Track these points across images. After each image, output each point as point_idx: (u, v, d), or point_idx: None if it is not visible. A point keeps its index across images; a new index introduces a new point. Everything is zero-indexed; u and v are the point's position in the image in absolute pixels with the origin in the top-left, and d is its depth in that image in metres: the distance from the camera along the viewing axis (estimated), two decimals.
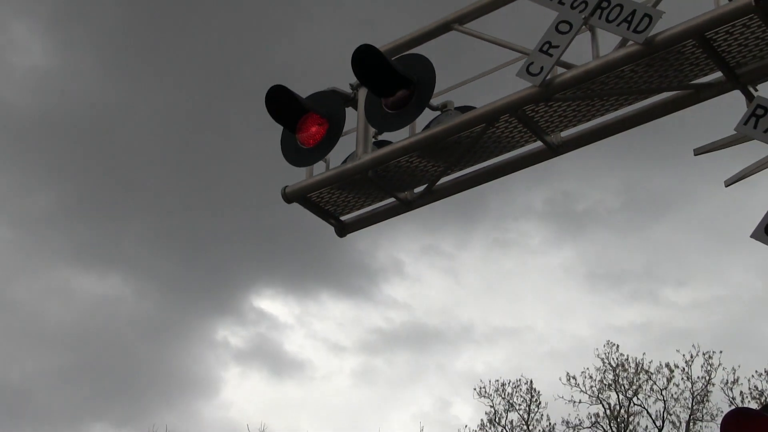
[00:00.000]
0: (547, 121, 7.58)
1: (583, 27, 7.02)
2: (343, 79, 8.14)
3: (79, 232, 47.49)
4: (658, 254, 43.13)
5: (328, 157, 8.09)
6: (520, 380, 31.47)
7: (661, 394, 29.87)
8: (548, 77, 6.95)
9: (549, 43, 6.98)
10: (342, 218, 8.63)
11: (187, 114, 47.78)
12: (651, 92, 7.23)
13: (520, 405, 31.06)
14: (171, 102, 47.88)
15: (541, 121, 7.57)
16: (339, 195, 8.32)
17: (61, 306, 46.08)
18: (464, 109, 7.69)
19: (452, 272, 45.37)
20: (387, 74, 7.51)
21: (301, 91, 8.06)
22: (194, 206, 47.71)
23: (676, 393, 29.80)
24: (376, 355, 44.04)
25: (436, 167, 8.03)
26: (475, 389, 31.68)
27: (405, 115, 7.56)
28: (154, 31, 48.04)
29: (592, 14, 6.90)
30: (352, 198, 8.39)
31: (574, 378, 30.70)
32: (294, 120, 8.05)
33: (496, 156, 7.95)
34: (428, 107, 7.63)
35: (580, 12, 6.95)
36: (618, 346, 30.85)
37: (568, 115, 7.53)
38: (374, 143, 8.04)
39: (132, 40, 47.69)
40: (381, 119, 7.69)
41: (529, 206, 43.39)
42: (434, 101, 7.71)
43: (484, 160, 8.00)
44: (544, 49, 6.97)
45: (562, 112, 7.48)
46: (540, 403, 31.05)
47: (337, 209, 8.52)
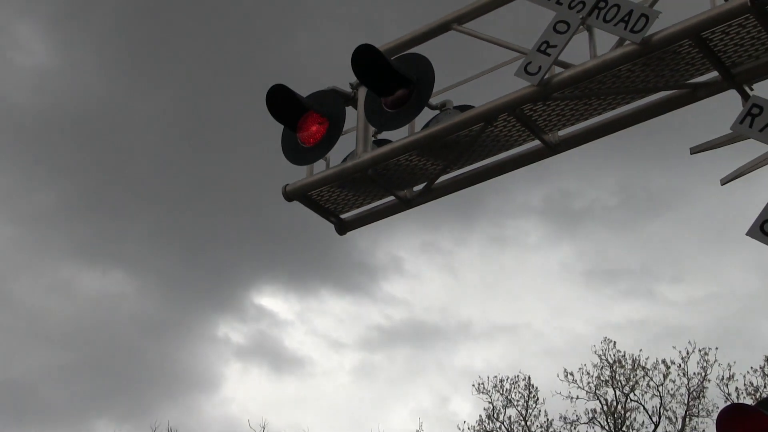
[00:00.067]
0: (545, 120, 7.58)
1: (581, 27, 7.03)
2: (343, 78, 8.15)
3: (81, 229, 47.51)
4: (654, 252, 43.14)
5: (328, 156, 8.09)
6: (518, 376, 31.46)
7: (658, 390, 29.87)
8: (546, 76, 6.96)
9: (547, 42, 6.98)
10: (342, 216, 8.63)
11: (188, 112, 47.81)
12: (648, 91, 7.23)
13: (518, 401, 31.05)
14: (172, 101, 47.91)
15: (539, 120, 7.57)
16: (339, 193, 8.33)
17: (64, 303, 46.10)
18: (463, 108, 7.70)
19: (451, 269, 45.38)
20: (386, 74, 7.51)
21: (302, 91, 8.07)
22: (195, 204, 47.75)
23: (672, 389, 29.81)
24: (375, 352, 44.07)
25: (435, 166, 8.03)
26: (473, 385, 31.64)
27: (404, 114, 7.56)
28: (155, 31, 48.04)
29: (590, 14, 6.90)
30: (352, 196, 8.39)
31: (572, 374, 30.69)
32: (294, 119, 8.05)
33: (494, 154, 7.95)
34: (427, 106, 7.63)
35: (578, 12, 6.96)
36: (615, 342, 30.85)
37: (566, 114, 7.53)
38: (374, 142, 8.05)
39: (133, 40, 47.71)
40: (380, 118, 7.69)
41: (527, 204, 43.40)
42: (433, 100, 7.71)
43: (482, 159, 8.00)
44: (542, 48, 6.98)
45: (560, 111, 7.48)
46: (538, 399, 31.03)
47: (337, 207, 8.52)
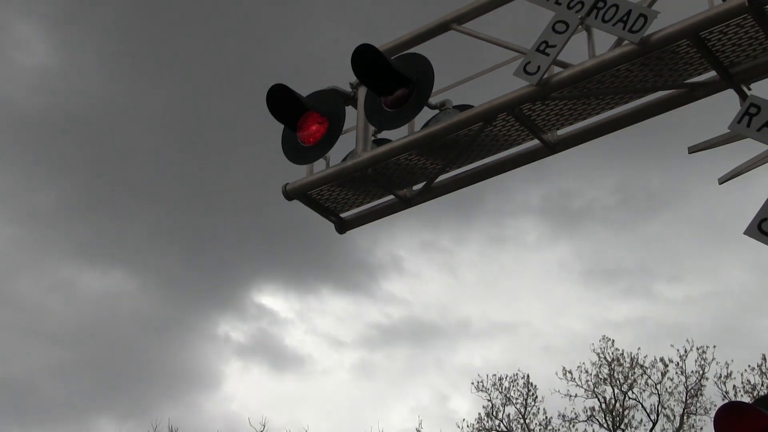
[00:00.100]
0: (544, 119, 7.58)
1: (580, 27, 7.03)
2: (343, 78, 8.15)
3: (82, 228, 47.48)
4: (652, 251, 43.12)
5: (328, 155, 8.09)
6: (517, 374, 31.45)
7: (656, 388, 29.86)
8: (545, 76, 6.96)
9: (546, 42, 6.98)
10: (342, 215, 8.63)
11: (189, 112, 47.77)
12: (646, 91, 7.23)
13: (517, 399, 31.04)
14: (173, 100, 47.89)
15: (538, 119, 7.57)
16: (339, 192, 8.33)
17: (65, 302, 46.10)
18: (462, 107, 7.70)
19: (450, 268, 45.38)
20: (386, 73, 7.51)
21: (302, 90, 8.07)
22: (196, 203, 47.75)
23: (670, 387, 29.80)
24: (375, 350, 44.08)
25: (435, 165, 8.03)
26: (472, 383, 31.64)
27: (404, 114, 7.56)
28: (156, 31, 48.02)
29: (589, 14, 6.90)
30: (351, 195, 8.39)
31: (570, 372, 30.69)
32: (294, 118, 8.05)
33: (493, 154, 7.95)
34: (427, 106, 7.63)
35: (577, 12, 6.96)
36: (613, 341, 30.83)
37: (565, 114, 7.53)
38: (374, 141, 8.05)
39: (134, 40, 47.67)
40: (380, 118, 7.69)
41: (526, 203, 43.40)
42: (433, 100, 7.71)
43: (481, 158, 8.00)
44: (541, 48, 6.98)
45: (558, 110, 7.48)
46: (536, 397, 31.03)
47: (337, 206, 8.52)
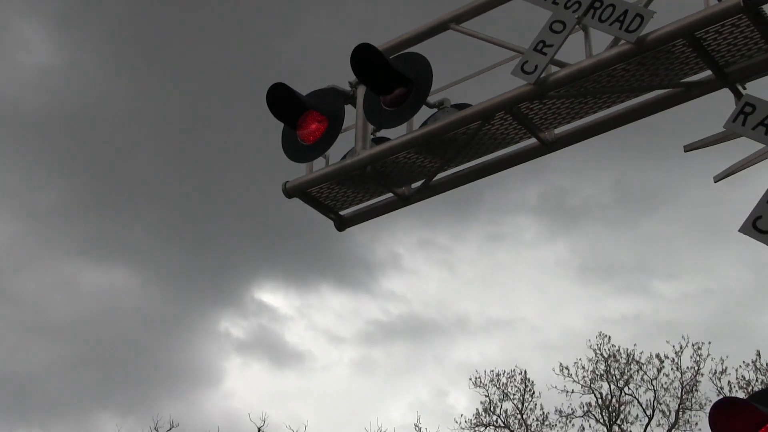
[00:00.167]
0: (541, 118, 7.57)
1: (577, 26, 7.02)
2: (343, 77, 8.15)
3: (85, 226, 47.51)
4: (648, 248, 43.14)
5: (327, 153, 8.09)
6: (514, 370, 31.48)
7: (652, 384, 29.89)
8: (542, 75, 6.96)
9: (543, 42, 6.98)
10: (341, 213, 8.63)
11: (191, 111, 47.75)
12: (642, 90, 7.23)
13: (514, 395, 31.07)
14: (175, 99, 47.88)
15: (535, 118, 7.56)
16: (338, 190, 8.32)
17: (69, 298, 46.10)
18: (460, 106, 7.70)
19: (448, 265, 45.36)
20: (385, 72, 7.50)
21: (302, 89, 8.07)
22: (198, 201, 47.73)
23: (666, 383, 29.84)
24: (374, 346, 44.08)
25: (433, 163, 8.03)
26: (470, 379, 31.66)
27: (403, 113, 7.56)
28: (158, 31, 48.01)
29: (585, 14, 6.90)
30: (351, 193, 8.39)
31: (567, 368, 30.72)
32: (294, 117, 8.05)
33: (491, 152, 7.95)
34: (425, 105, 7.63)
35: (574, 12, 6.96)
36: (610, 337, 30.87)
37: (562, 113, 7.53)
38: (373, 140, 8.05)
39: (135, 40, 47.67)
40: (379, 116, 7.69)
41: (524, 201, 43.40)
42: (431, 99, 7.71)
43: (479, 156, 8.00)
44: (539, 48, 6.97)
45: (555, 109, 7.47)
46: (534, 392, 31.06)
47: (337, 204, 8.52)
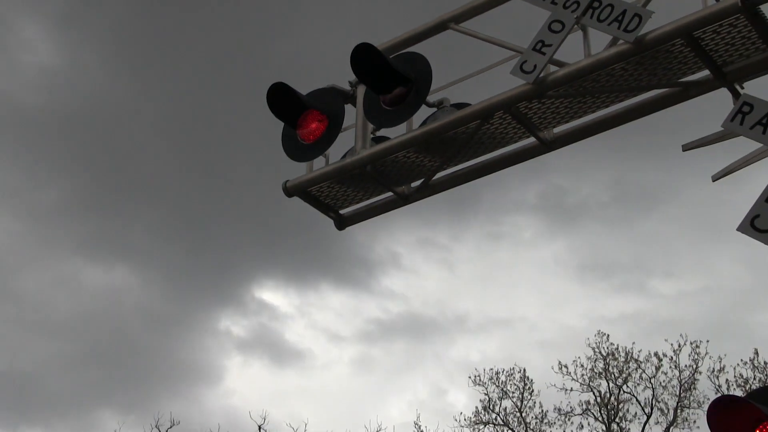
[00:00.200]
0: (540, 117, 7.57)
1: (575, 26, 7.02)
2: (343, 76, 8.15)
3: (86, 224, 47.53)
4: (647, 246, 43.17)
5: (327, 153, 8.08)
6: (513, 369, 31.50)
7: (650, 382, 29.92)
8: (541, 75, 6.96)
9: (542, 41, 6.98)
10: (341, 212, 8.63)
11: (192, 110, 47.75)
12: (641, 90, 7.23)
13: (513, 393, 31.10)
14: (176, 98, 47.88)
15: (534, 117, 7.56)
16: (338, 189, 8.32)
17: (70, 296, 46.12)
18: (460, 105, 7.70)
19: (447, 264, 45.40)
20: (385, 72, 7.50)
21: (302, 88, 8.07)
22: (199, 200, 47.74)
23: (664, 381, 29.87)
24: (374, 345, 44.11)
25: (433, 162, 8.03)
26: (469, 377, 31.69)
27: (402, 112, 7.55)
28: (159, 30, 47.99)
29: (584, 14, 6.90)
30: (350, 192, 8.39)
31: (566, 366, 30.75)
32: (295, 116, 8.04)
33: (490, 151, 7.95)
34: (425, 104, 7.63)
35: (573, 12, 6.96)
36: (608, 335, 30.90)
37: (561, 112, 7.53)
38: (372, 139, 8.05)
39: (136, 40, 47.66)
40: (379, 116, 7.69)
41: (523, 200, 43.42)
42: (431, 98, 7.71)
43: (479, 156, 8.00)
44: (538, 47, 6.97)
45: (554, 108, 7.47)
46: (533, 390, 31.09)
47: (337, 203, 8.52)
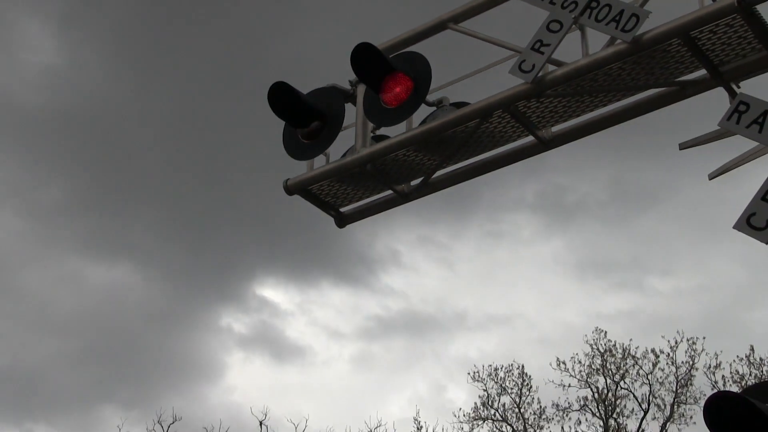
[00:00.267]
0: (539, 116, 7.57)
1: (573, 26, 7.02)
2: (343, 75, 8.14)
3: (89, 222, 47.48)
4: (644, 245, 43.16)
5: (328, 151, 8.08)
6: (512, 365, 31.56)
7: (647, 378, 29.96)
8: (540, 74, 6.95)
9: (540, 41, 6.98)
10: (341, 210, 8.63)
11: (193, 109, 47.72)
12: (638, 89, 7.23)
13: (512, 389, 31.14)
14: (177, 97, 47.85)
15: (532, 116, 7.56)
16: (339, 187, 8.32)
17: (72, 294, 46.12)
18: (459, 104, 7.70)
19: (447, 262, 45.36)
20: (385, 71, 7.50)
21: (302, 88, 8.06)
22: (200, 198, 47.69)
23: (661, 377, 29.91)
24: (374, 342, 44.11)
25: (432, 161, 8.02)
26: (469, 374, 31.76)
27: (402, 111, 7.55)
28: (161, 30, 47.95)
29: (582, 14, 6.90)
30: (351, 190, 8.39)
31: (564, 363, 30.79)
32: (296, 115, 8.04)
33: (489, 150, 7.94)
34: (425, 103, 7.62)
35: (571, 11, 6.95)
36: (606, 332, 30.95)
37: (559, 111, 7.53)
38: (372, 138, 8.04)
39: (138, 39, 47.61)
40: (379, 115, 7.68)
41: (521, 198, 43.41)
42: (430, 97, 7.70)
43: (478, 154, 8.00)
44: (536, 47, 6.97)
45: (553, 107, 7.47)
46: (531, 387, 31.15)
47: (337, 201, 8.52)
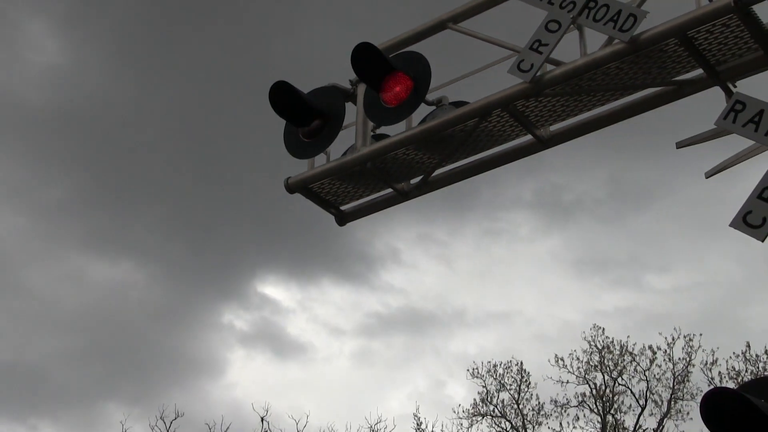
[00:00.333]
0: (537, 115, 7.58)
1: (572, 26, 7.02)
2: (343, 75, 8.15)
3: (92, 220, 47.44)
4: (641, 242, 43.12)
5: (328, 150, 8.09)
6: (510, 362, 31.50)
7: (644, 374, 29.91)
8: (538, 74, 6.96)
9: (539, 41, 6.98)
10: (342, 208, 8.63)
11: (195, 108, 47.70)
12: (636, 88, 7.23)
13: (510, 385, 31.09)
14: (179, 96, 47.81)
15: (531, 115, 7.57)
16: (339, 186, 8.32)
17: (76, 291, 46.06)
18: (458, 104, 7.70)
19: (446, 259, 45.31)
20: (385, 71, 7.50)
21: (303, 87, 8.06)
22: (202, 196, 47.67)
23: (658, 373, 29.85)
24: (374, 338, 44.05)
25: (432, 159, 8.03)
26: (468, 370, 31.70)
27: (402, 110, 7.55)
28: (163, 30, 47.92)
29: (580, 14, 6.90)
30: (351, 188, 8.39)
31: (562, 359, 30.74)
32: (297, 114, 8.04)
33: (488, 149, 7.95)
34: (424, 102, 7.62)
35: (569, 12, 6.95)
36: (603, 329, 30.89)
37: (557, 110, 7.53)
38: (373, 136, 8.04)
39: (140, 39, 47.58)
40: (379, 114, 7.68)
41: (519, 197, 43.38)
42: (430, 96, 7.70)
43: (476, 153, 8.00)
44: (534, 47, 6.97)
45: (551, 107, 7.48)
46: (530, 383, 31.08)
47: (337, 199, 8.52)
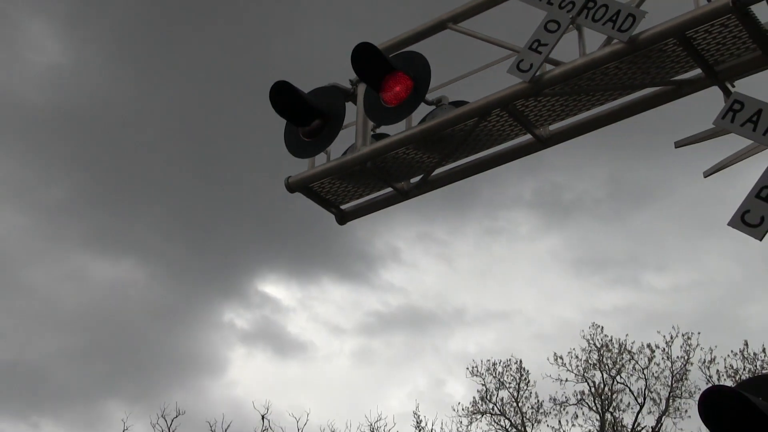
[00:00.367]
0: (537, 115, 7.58)
1: (571, 26, 7.03)
2: (344, 75, 8.15)
3: (93, 219, 47.48)
4: (640, 241, 43.17)
5: (328, 149, 8.09)
6: (510, 360, 31.57)
7: (643, 372, 29.96)
8: (537, 73, 6.96)
9: (538, 41, 6.98)
10: (342, 207, 8.63)
11: (196, 108, 47.75)
12: (634, 88, 7.23)
13: (510, 383, 31.16)
14: (179, 96, 47.85)
15: (530, 115, 7.57)
16: (339, 185, 8.33)
17: (77, 290, 46.11)
18: (458, 103, 7.70)
19: (446, 258, 45.35)
20: (385, 70, 7.50)
21: (303, 87, 8.06)
22: (203, 196, 47.72)
23: (656, 372, 29.91)
24: (374, 337, 44.10)
25: (432, 159, 8.03)
26: (467, 369, 31.77)
27: (402, 110, 7.56)
28: (164, 30, 47.96)
29: (579, 14, 6.90)
30: (351, 188, 8.39)
31: (561, 358, 30.79)
32: (297, 114, 8.04)
33: (488, 148, 7.95)
34: (424, 102, 7.63)
35: (568, 12, 6.95)
36: (602, 327, 30.94)
37: (557, 110, 7.53)
38: (373, 136, 8.05)
39: (142, 38, 47.63)
40: (379, 113, 7.69)
41: (519, 196, 43.43)
42: (430, 96, 7.71)
43: (476, 152, 8.00)
44: (534, 47, 6.97)
45: (550, 106, 7.48)
46: (529, 381, 31.15)
47: (338, 198, 8.52)
